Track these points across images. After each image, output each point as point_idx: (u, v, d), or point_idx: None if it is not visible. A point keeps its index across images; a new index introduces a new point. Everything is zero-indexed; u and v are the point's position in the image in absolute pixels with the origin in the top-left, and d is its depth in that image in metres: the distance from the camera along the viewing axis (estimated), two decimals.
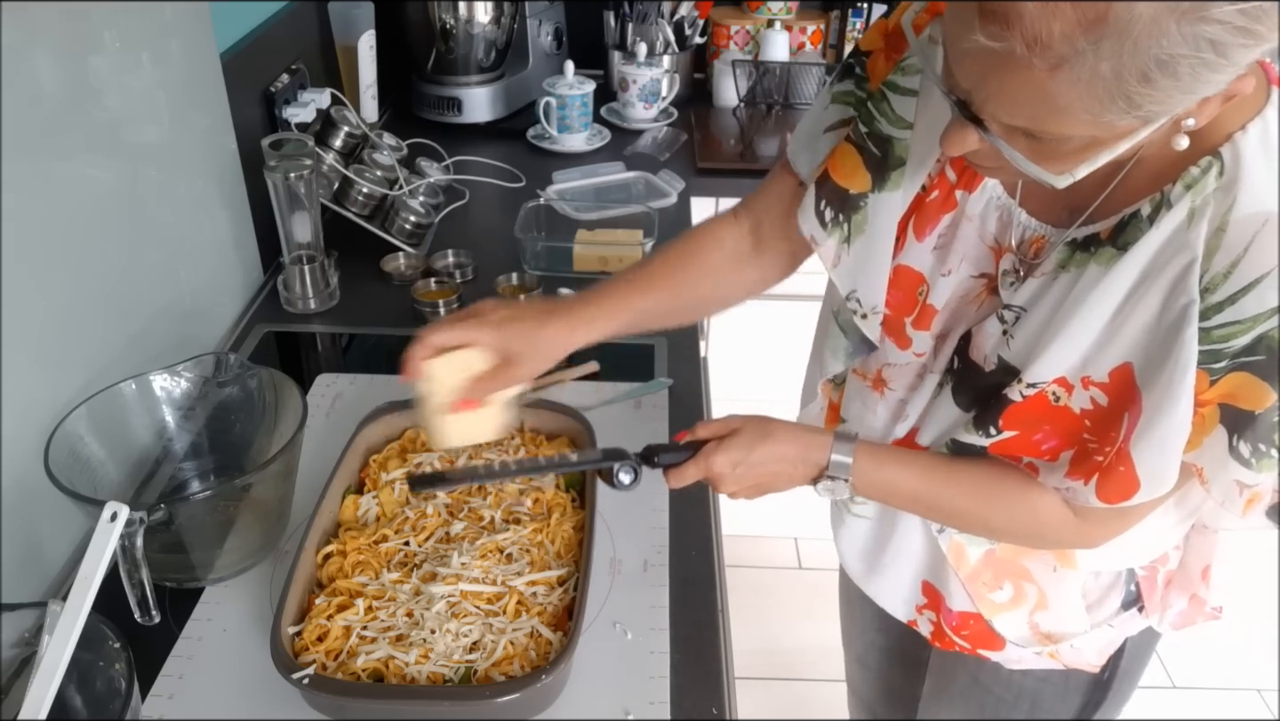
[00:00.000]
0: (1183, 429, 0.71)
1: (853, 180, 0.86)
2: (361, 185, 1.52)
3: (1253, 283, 0.66)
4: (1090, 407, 0.76)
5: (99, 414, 0.96)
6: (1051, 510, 0.82)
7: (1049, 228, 0.79)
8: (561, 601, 0.90)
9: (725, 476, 0.85)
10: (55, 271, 1.00)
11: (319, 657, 0.84)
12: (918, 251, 0.86)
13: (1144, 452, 0.73)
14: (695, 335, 1.41)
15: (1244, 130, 0.67)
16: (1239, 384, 0.69)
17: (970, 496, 0.85)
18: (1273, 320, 0.66)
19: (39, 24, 0.95)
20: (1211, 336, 0.68)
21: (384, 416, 1.09)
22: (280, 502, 1.00)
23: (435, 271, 1.50)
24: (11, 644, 0.76)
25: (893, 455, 0.87)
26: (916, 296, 0.87)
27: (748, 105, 2.15)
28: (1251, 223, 0.65)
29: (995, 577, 0.94)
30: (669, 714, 0.85)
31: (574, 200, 1.73)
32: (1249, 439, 0.70)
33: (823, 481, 0.85)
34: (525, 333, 0.88)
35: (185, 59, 1.24)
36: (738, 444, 0.84)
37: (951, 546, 0.93)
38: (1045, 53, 0.56)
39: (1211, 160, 0.67)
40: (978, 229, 0.83)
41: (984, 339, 0.81)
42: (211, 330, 1.36)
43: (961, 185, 0.82)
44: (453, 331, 0.87)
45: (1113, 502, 0.76)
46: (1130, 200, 0.71)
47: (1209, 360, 0.69)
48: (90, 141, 1.05)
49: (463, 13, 1.93)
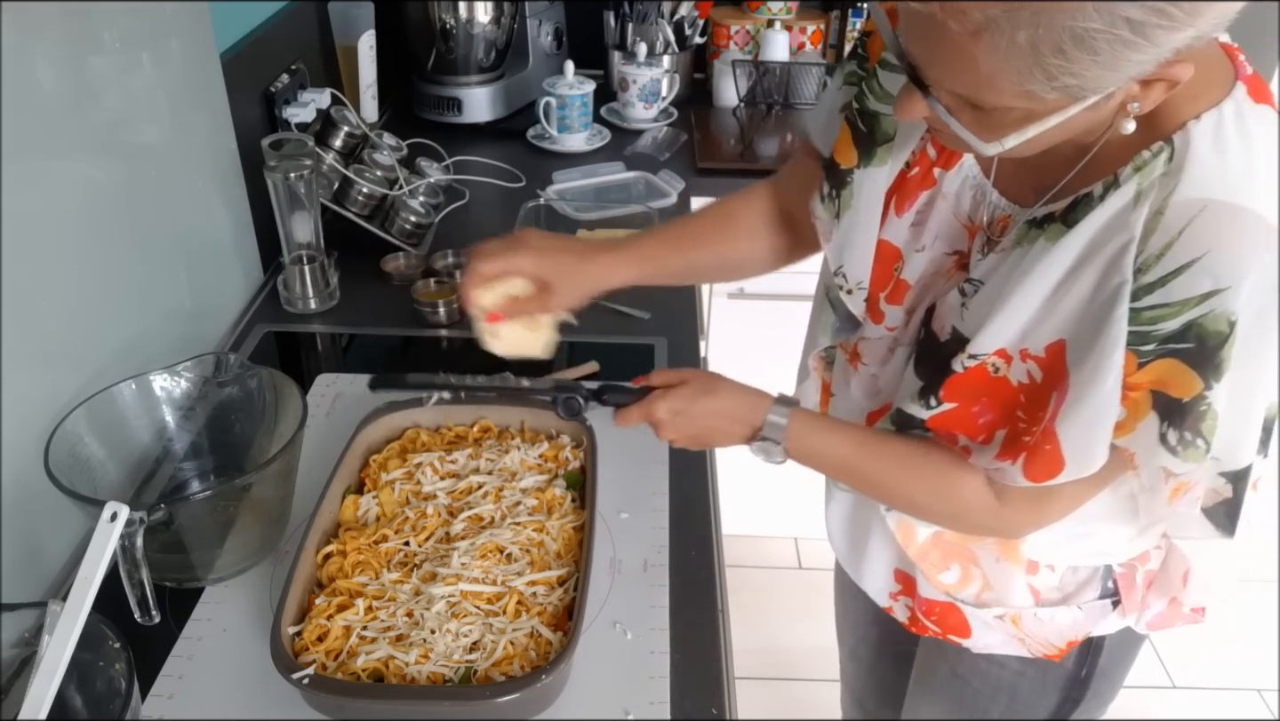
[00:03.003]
0: (1108, 408, 0.71)
1: (844, 156, 0.89)
2: (361, 185, 1.52)
3: (1184, 266, 0.66)
4: (1026, 382, 0.77)
5: (99, 414, 0.96)
6: (974, 491, 0.83)
7: (1016, 207, 0.80)
8: (561, 601, 0.90)
9: (665, 423, 0.89)
10: (55, 271, 1.00)
11: (319, 657, 0.84)
12: (896, 227, 0.87)
13: (1069, 430, 0.74)
14: (695, 335, 1.41)
15: (1198, 119, 0.67)
16: (1169, 371, 0.70)
17: (896, 469, 0.87)
18: (1202, 307, 0.66)
19: (39, 24, 0.95)
20: (1141, 317, 0.68)
21: (384, 416, 1.09)
22: (280, 502, 1.00)
23: (435, 271, 1.50)
24: (11, 644, 0.76)
25: (828, 424, 0.91)
26: (892, 271, 0.88)
27: (748, 105, 2.15)
28: (1189, 207, 0.66)
29: (943, 558, 0.95)
30: (669, 714, 0.85)
31: (574, 200, 1.73)
32: (1177, 427, 0.71)
33: (757, 441, 0.88)
34: (566, 265, 0.96)
35: (185, 59, 1.24)
36: (681, 394, 0.89)
37: (900, 526, 0.95)
38: (962, 18, 0.58)
39: (1163, 145, 0.68)
40: (952, 206, 0.84)
41: (945, 310, 0.83)
42: (211, 330, 1.36)
43: (940, 163, 0.84)
44: (498, 262, 0.95)
45: (1039, 481, 0.77)
46: (1091, 183, 0.72)
47: (1137, 341, 0.69)
48: (90, 141, 1.05)
49: (463, 13, 1.93)
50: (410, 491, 1.01)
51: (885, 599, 1.04)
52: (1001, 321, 0.76)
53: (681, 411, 0.89)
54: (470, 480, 1.01)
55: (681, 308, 1.45)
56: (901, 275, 0.88)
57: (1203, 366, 0.68)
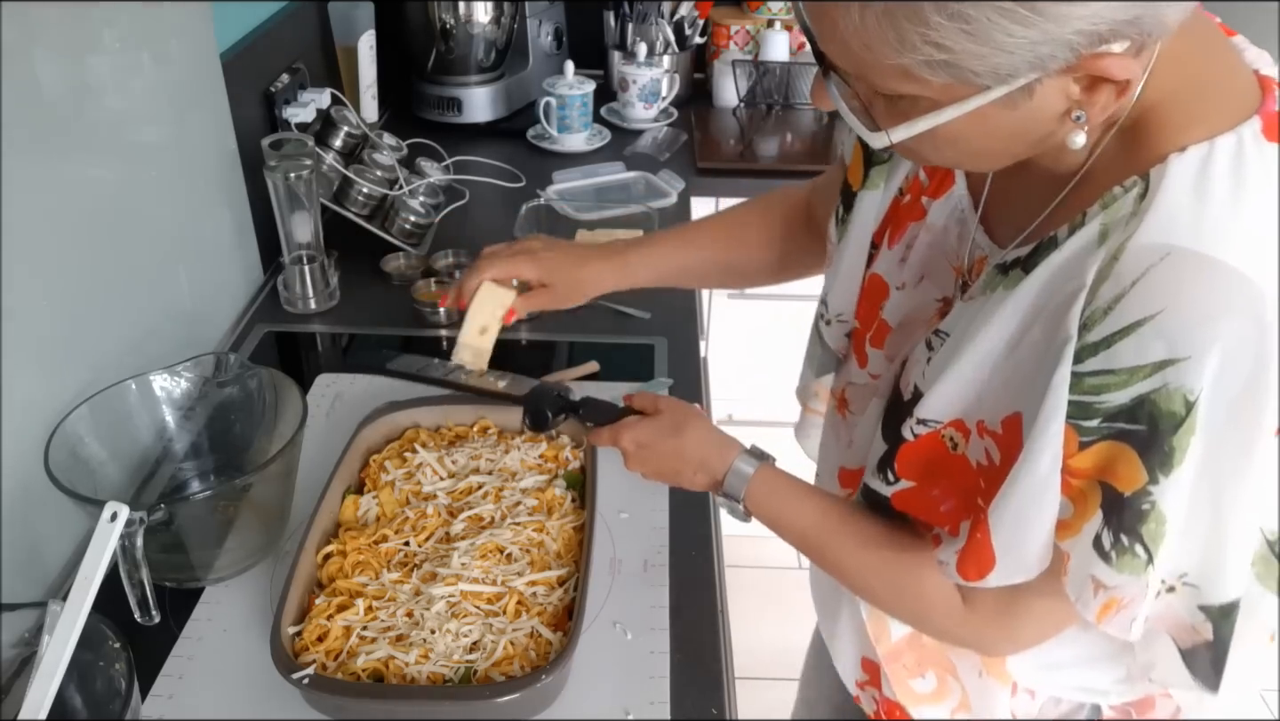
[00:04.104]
0: (1043, 494, 0.60)
1: (854, 176, 0.83)
2: (361, 185, 1.52)
3: (1133, 325, 0.54)
4: (985, 463, 0.65)
5: (99, 414, 0.96)
6: (938, 591, 0.71)
7: (995, 247, 0.70)
8: (561, 601, 0.90)
9: (630, 454, 0.86)
10: (55, 271, 0.99)
11: (319, 657, 0.84)
12: (887, 260, 0.79)
13: (1000, 518, 0.62)
14: (695, 335, 1.41)
15: (1182, 151, 0.56)
16: (1115, 457, 0.57)
17: (857, 555, 0.76)
18: (1154, 379, 0.54)
19: (39, 24, 0.95)
20: (1084, 385, 0.57)
21: (384, 416, 1.09)
22: (280, 502, 1.00)
23: (435, 271, 1.50)
24: (11, 644, 0.76)
25: (794, 488, 0.80)
26: (879, 310, 0.80)
27: (748, 105, 2.15)
28: (1148, 254, 0.54)
29: (918, 663, 0.83)
30: (669, 714, 0.85)
31: (574, 200, 1.72)
32: (1113, 527, 0.59)
33: (720, 496, 0.82)
34: (565, 267, 0.99)
35: (185, 59, 1.24)
36: (649, 427, 0.84)
37: (872, 617, 0.84)
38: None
39: (1138, 180, 0.57)
40: (938, 241, 0.75)
41: (912, 364, 0.72)
42: (211, 330, 1.36)
43: (930, 191, 0.75)
44: (502, 266, 0.97)
45: (970, 580, 0.65)
46: (1063, 224, 0.62)
47: (1079, 414, 0.57)
48: (90, 141, 1.05)
49: (463, 13, 1.93)
50: (410, 491, 1.01)
51: (853, 686, 0.93)
52: (951, 383, 0.65)
53: (646, 446, 0.84)
54: (470, 480, 1.01)
55: (681, 308, 1.45)
56: (883, 315, 0.79)
57: (1150, 454, 0.56)
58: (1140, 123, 0.59)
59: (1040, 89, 0.53)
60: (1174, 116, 0.57)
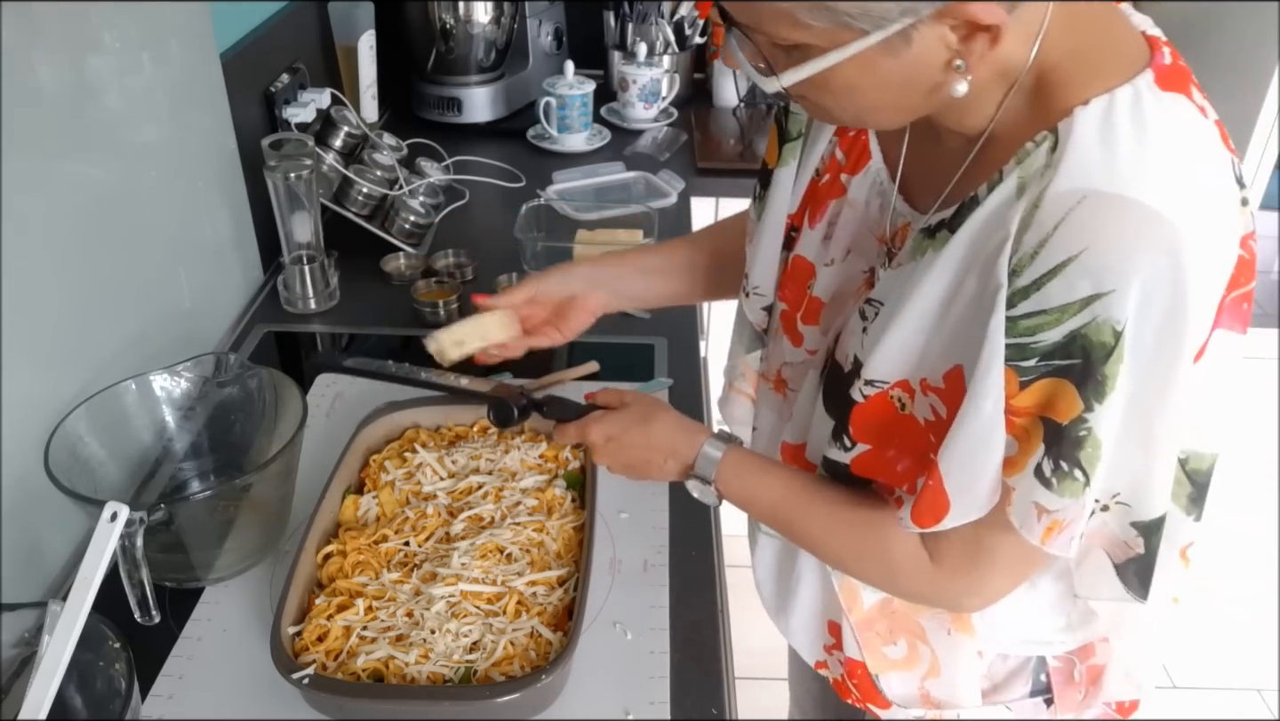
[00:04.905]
0: (990, 436, 0.63)
1: (770, 155, 0.87)
2: (361, 185, 1.52)
3: (1060, 265, 0.58)
4: (933, 419, 0.68)
5: (99, 414, 0.96)
6: (904, 549, 0.73)
7: (916, 213, 0.73)
8: (561, 601, 0.90)
9: (598, 447, 0.86)
10: (55, 271, 0.99)
11: (319, 657, 0.84)
12: (809, 240, 0.82)
13: (951, 463, 0.65)
14: (695, 335, 1.41)
15: (1086, 104, 0.60)
16: (1054, 392, 0.61)
17: (824, 521, 0.79)
18: (1084, 315, 0.58)
19: (39, 24, 0.95)
20: (1018, 327, 0.60)
21: (384, 416, 1.09)
22: (280, 502, 1.00)
23: (435, 271, 1.50)
24: (11, 644, 0.76)
25: (762, 466, 0.83)
26: (806, 289, 0.83)
27: (748, 105, 2.15)
28: (1066, 199, 0.58)
29: (890, 631, 0.85)
30: (669, 714, 0.85)
31: (574, 200, 1.73)
32: (1053, 455, 0.62)
33: (691, 479, 0.83)
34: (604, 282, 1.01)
35: (185, 59, 1.24)
36: (616, 420, 0.85)
37: (844, 586, 0.86)
38: None
39: (1047, 134, 0.61)
40: (861, 216, 0.78)
41: (847, 334, 0.75)
42: (211, 330, 1.36)
43: (848, 168, 0.79)
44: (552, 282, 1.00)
45: (926, 525, 0.69)
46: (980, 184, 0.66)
47: (1016, 356, 0.61)
48: (90, 141, 1.05)
49: (463, 13, 1.93)
50: (410, 491, 1.01)
51: (820, 652, 0.94)
52: (894, 345, 0.68)
53: (614, 439, 0.85)
54: (470, 480, 1.01)
55: (681, 308, 1.45)
56: (813, 292, 0.82)
57: (1085, 385, 0.60)
58: (1042, 82, 0.62)
59: (918, 35, 0.57)
60: (1074, 74, 0.61)
